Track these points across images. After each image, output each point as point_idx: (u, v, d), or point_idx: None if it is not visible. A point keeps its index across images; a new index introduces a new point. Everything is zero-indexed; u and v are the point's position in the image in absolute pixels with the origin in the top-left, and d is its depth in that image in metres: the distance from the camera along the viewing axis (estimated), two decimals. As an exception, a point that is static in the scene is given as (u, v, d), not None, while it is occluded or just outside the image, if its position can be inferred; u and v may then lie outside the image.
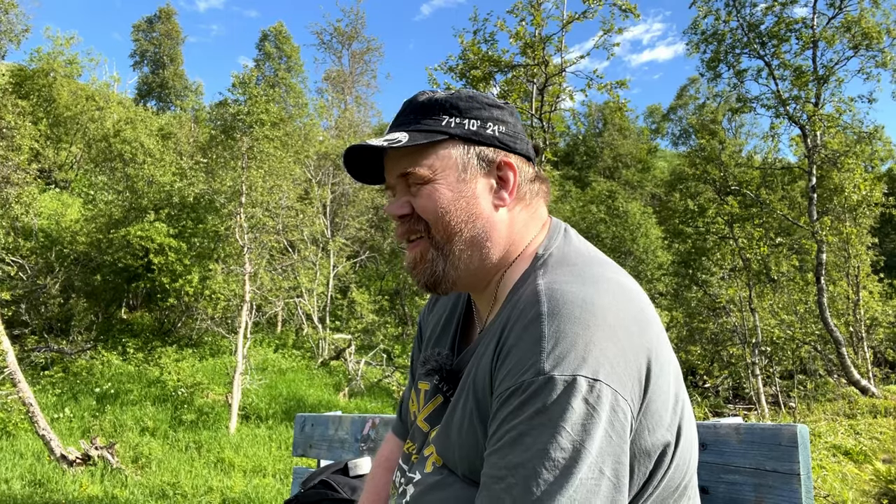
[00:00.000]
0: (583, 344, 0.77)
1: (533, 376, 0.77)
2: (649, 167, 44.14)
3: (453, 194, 0.95)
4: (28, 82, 23.52)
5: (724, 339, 18.62)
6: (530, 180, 1.00)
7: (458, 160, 0.96)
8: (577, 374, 0.75)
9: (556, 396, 0.75)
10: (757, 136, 41.08)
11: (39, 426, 9.27)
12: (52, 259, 17.01)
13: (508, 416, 0.78)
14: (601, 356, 0.77)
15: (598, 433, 0.75)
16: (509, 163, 0.97)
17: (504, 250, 0.98)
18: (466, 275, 0.98)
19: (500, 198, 0.97)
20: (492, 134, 0.97)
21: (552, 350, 0.77)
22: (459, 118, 0.97)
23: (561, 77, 10.99)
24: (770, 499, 1.16)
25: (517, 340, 0.81)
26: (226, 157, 16.01)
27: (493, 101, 1.00)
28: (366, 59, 45.33)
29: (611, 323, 0.80)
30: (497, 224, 0.97)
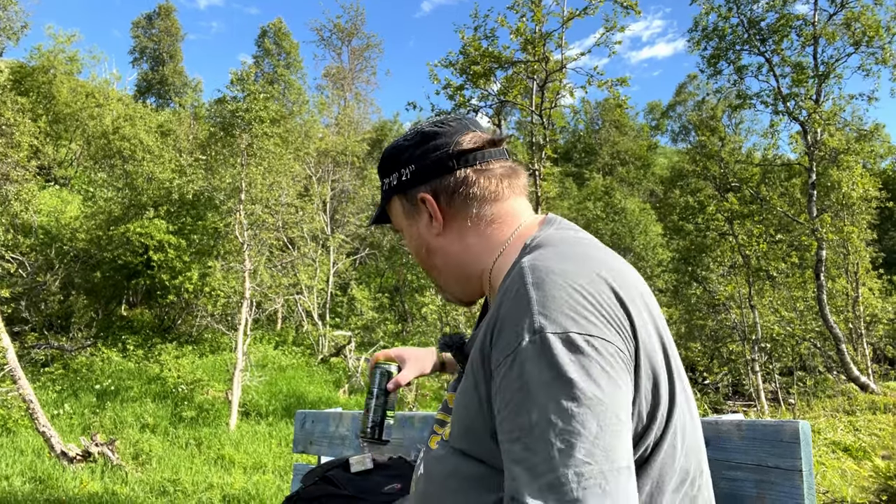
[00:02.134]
0: (557, 306, 0.81)
1: (515, 346, 0.81)
2: (649, 164, 44.10)
3: (410, 239, 1.14)
4: (28, 79, 23.48)
5: (723, 335, 18.64)
6: (455, 192, 1.06)
7: (401, 211, 1.13)
8: (537, 327, 0.79)
9: (532, 359, 0.78)
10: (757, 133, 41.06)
11: (40, 423, 9.27)
12: (51, 256, 17.00)
13: (503, 385, 0.82)
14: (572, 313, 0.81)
15: (592, 379, 0.77)
16: (423, 197, 1.07)
17: (473, 262, 1.07)
18: (459, 293, 1.14)
19: (435, 228, 1.08)
20: (406, 179, 1.09)
21: (533, 317, 0.81)
22: (388, 178, 1.14)
23: (561, 74, 10.98)
24: (772, 495, 1.16)
25: (504, 314, 0.86)
26: (225, 154, 16.00)
27: (403, 146, 1.11)
28: (365, 56, 45.28)
29: (584, 288, 0.84)
30: (449, 249, 1.08)
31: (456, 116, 1.15)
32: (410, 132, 1.13)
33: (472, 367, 0.93)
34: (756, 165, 16.90)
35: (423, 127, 1.12)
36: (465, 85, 11.39)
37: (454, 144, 1.07)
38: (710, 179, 18.60)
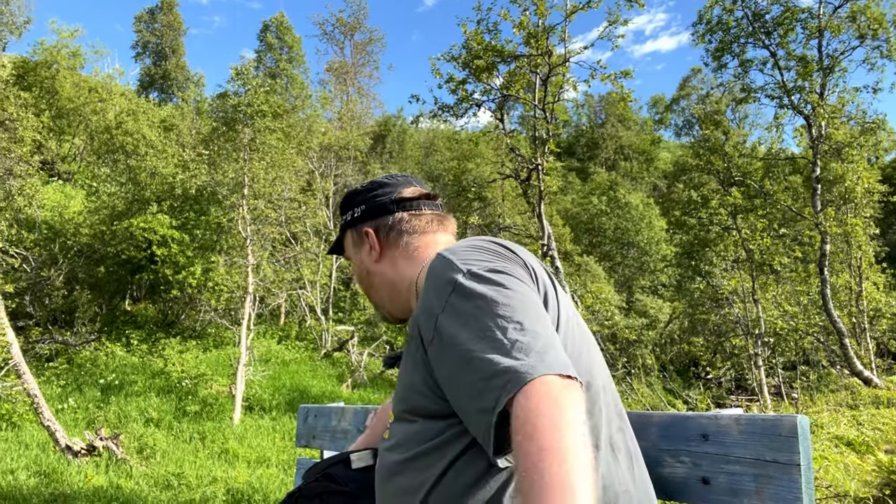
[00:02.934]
0: (471, 256, 1.06)
1: (448, 287, 1.01)
2: (653, 158, 43.98)
3: (356, 266, 1.41)
4: (31, 74, 23.50)
5: (726, 330, 18.62)
6: (396, 228, 1.34)
7: (351, 243, 1.43)
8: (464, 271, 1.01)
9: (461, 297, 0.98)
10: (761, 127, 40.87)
11: (44, 417, 9.32)
12: (55, 251, 17.04)
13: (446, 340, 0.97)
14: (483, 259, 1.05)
15: (505, 290, 0.97)
16: (366, 230, 1.36)
17: (401, 280, 1.31)
18: (391, 308, 1.37)
19: (373, 255, 1.36)
20: (356, 217, 1.39)
21: (452, 268, 1.03)
22: (345, 214, 1.43)
23: (564, 67, 10.94)
24: (770, 489, 1.16)
25: (427, 286, 1.07)
26: (227, 149, 16.00)
27: (357, 191, 1.42)
28: (368, 50, 45.16)
29: (489, 246, 1.10)
30: (382, 272, 1.35)
31: (404, 174, 1.45)
32: (367, 182, 1.43)
33: (408, 342, 1.12)
34: (760, 159, 16.85)
35: (378, 179, 1.42)
36: (467, 79, 11.36)
37: (397, 193, 1.37)
38: (713, 174, 18.54)
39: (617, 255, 27.70)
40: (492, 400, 0.86)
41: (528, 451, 0.77)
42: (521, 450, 0.78)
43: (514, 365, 0.85)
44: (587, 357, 1.12)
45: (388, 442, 1.16)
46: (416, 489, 1.03)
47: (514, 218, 22.50)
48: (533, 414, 0.80)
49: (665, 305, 23.36)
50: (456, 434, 1.01)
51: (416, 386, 1.06)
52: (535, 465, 0.75)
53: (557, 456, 0.75)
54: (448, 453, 1.01)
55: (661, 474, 1.33)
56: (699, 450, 1.28)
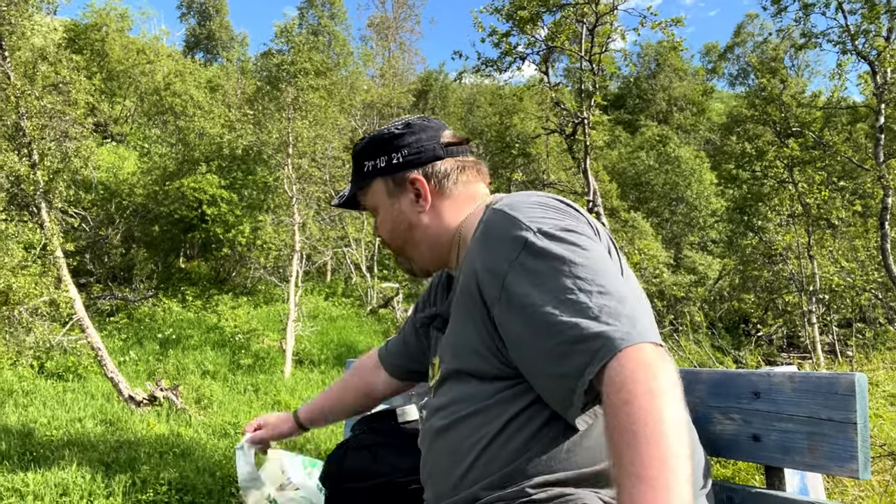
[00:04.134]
0: (540, 214, 1.02)
1: (515, 250, 0.97)
2: (704, 109, 42.38)
3: (390, 217, 1.27)
4: (81, 37, 23.97)
5: (779, 286, 18.12)
6: (446, 176, 1.24)
7: (383, 192, 1.27)
8: (534, 229, 0.97)
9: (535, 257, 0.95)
10: (821, 75, 38.86)
11: (108, 369, 9.81)
12: (112, 211, 17.65)
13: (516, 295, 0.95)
14: (554, 217, 1.01)
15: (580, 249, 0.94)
16: (417, 179, 1.23)
17: (446, 232, 1.23)
18: (427, 262, 1.28)
19: (421, 206, 1.23)
20: (397, 162, 1.24)
21: (522, 225, 0.99)
22: (373, 160, 1.27)
23: (612, 16, 10.54)
24: (824, 447, 1.13)
25: (492, 236, 1.04)
26: (271, 109, 16.11)
27: (394, 133, 1.26)
28: (410, 4, 44.43)
29: (554, 204, 1.06)
30: (427, 224, 1.23)
31: (436, 118, 1.33)
32: (400, 123, 1.28)
33: (462, 299, 1.09)
34: (820, 109, 16.05)
35: (412, 120, 1.28)
36: (510, 31, 11.07)
37: (441, 137, 1.26)
38: (769, 125, 17.76)
39: (665, 210, 27.07)
40: (580, 365, 0.85)
41: (626, 420, 0.77)
42: (619, 417, 0.78)
43: (605, 330, 0.84)
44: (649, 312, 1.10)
45: (437, 400, 1.15)
46: (469, 448, 1.04)
47: (559, 174, 22.14)
48: (630, 381, 0.79)
49: (714, 262, 22.83)
50: (515, 394, 1.01)
51: (473, 346, 1.05)
52: (634, 434, 0.75)
53: (659, 425, 0.75)
54: (504, 413, 1.01)
55: (710, 431, 1.31)
56: (750, 407, 1.26)
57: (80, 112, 10.83)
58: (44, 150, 10.47)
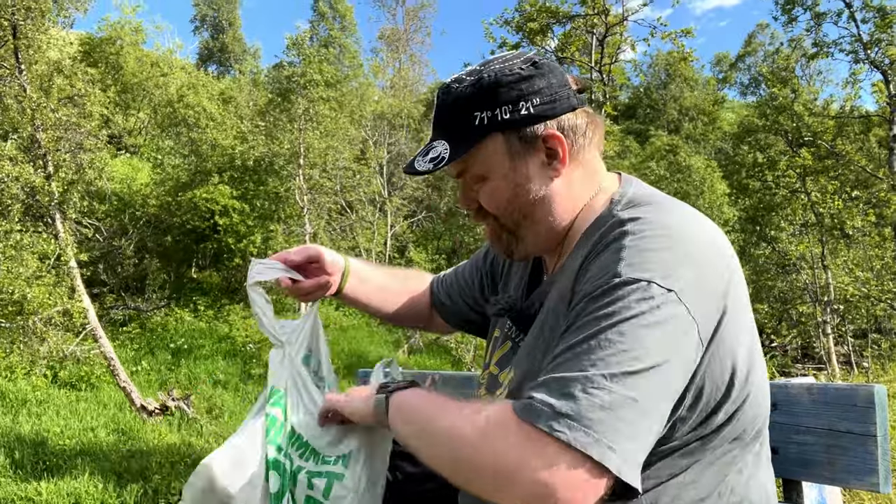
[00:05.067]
0: (666, 260, 0.80)
1: (609, 278, 0.80)
2: (715, 119, 42.25)
3: (508, 184, 0.98)
4: (97, 50, 24.30)
5: (793, 297, 17.95)
6: (582, 133, 0.98)
7: (503, 151, 0.97)
8: (653, 281, 0.78)
9: (628, 293, 0.78)
10: (833, 83, 38.64)
11: (120, 378, 9.87)
12: (125, 221, 17.81)
13: (580, 310, 0.81)
14: (680, 275, 0.79)
15: (662, 338, 0.76)
16: (553, 135, 0.95)
17: (569, 211, 1.00)
18: (537, 246, 1.04)
19: (555, 169, 0.97)
20: (527, 113, 0.95)
21: (633, 260, 0.80)
22: (491, 110, 0.95)
23: (622, 26, 10.56)
24: (843, 460, 1.12)
25: (599, 256, 0.85)
26: (283, 120, 16.24)
27: (520, 74, 0.95)
28: (420, 16, 44.71)
29: (692, 250, 0.83)
30: (556, 195, 0.98)
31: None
32: (520, 60, 0.98)
33: (556, 317, 0.93)
34: (832, 118, 15.96)
35: (536, 58, 0.98)
36: (521, 43, 11.11)
37: (569, 81, 0.99)
38: (781, 134, 17.68)
39: (677, 220, 26.93)
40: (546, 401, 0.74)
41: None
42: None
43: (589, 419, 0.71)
44: (766, 388, 0.95)
45: None
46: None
47: (570, 184, 22.09)
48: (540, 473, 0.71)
49: (727, 272, 22.65)
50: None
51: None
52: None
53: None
54: None
55: (725, 443, 1.29)
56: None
57: (95, 124, 10.98)
58: (59, 161, 10.60)
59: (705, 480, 0.88)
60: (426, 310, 1.44)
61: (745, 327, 0.88)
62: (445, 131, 0.99)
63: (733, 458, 0.90)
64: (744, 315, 0.88)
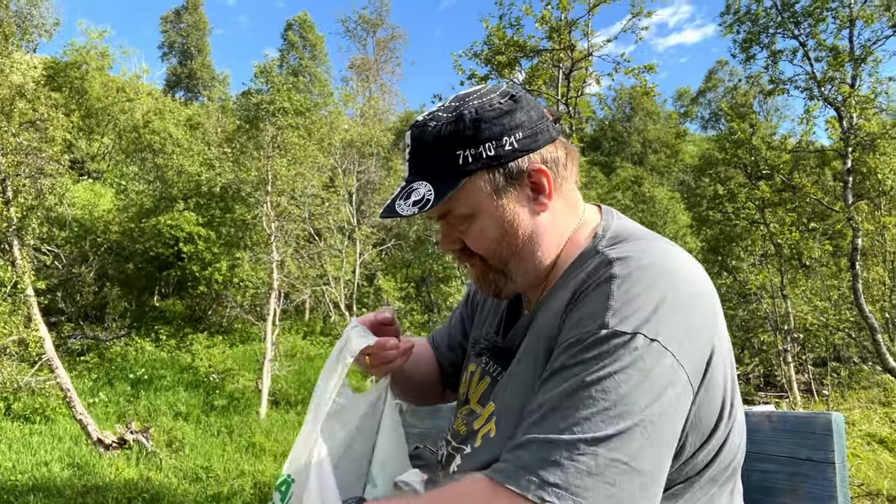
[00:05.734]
0: (651, 306, 0.78)
1: (595, 329, 0.78)
2: (677, 152, 43.43)
3: (496, 223, 0.95)
4: (61, 75, 23.96)
5: (755, 325, 18.33)
6: (563, 165, 0.97)
7: (489, 189, 0.94)
8: (638, 332, 0.76)
9: (613, 347, 0.76)
10: (789, 119, 40.12)
11: (76, 411, 9.54)
12: (86, 248, 17.41)
13: (565, 361, 0.80)
14: (666, 322, 0.78)
15: (647, 391, 0.75)
16: (539, 168, 0.94)
17: (555, 246, 0.98)
18: (526, 283, 1.01)
19: (541, 203, 0.95)
20: (510, 148, 0.92)
21: (620, 308, 0.78)
22: (474, 148, 0.92)
23: (587, 61, 10.84)
24: (804, 487, 1.14)
25: (586, 298, 0.83)
26: (249, 148, 16.17)
27: (501, 109, 0.93)
28: (391, 47, 45.28)
29: (680, 295, 0.81)
30: (543, 230, 0.97)
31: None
32: (497, 96, 0.95)
33: (539, 355, 0.90)
34: (789, 152, 16.52)
35: (513, 91, 0.97)
36: (489, 75, 11.31)
37: (545, 112, 0.97)
38: (740, 167, 18.24)
39: (641, 250, 27.42)
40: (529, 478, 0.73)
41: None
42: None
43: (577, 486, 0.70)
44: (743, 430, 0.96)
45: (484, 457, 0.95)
46: None
47: (538, 213, 22.35)
48: None
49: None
50: None
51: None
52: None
53: None
54: None
55: (691, 471, 1.31)
56: (730, 447, 1.26)
57: (57, 149, 10.79)
58: (18, 186, 10.36)
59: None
60: (437, 369, 1.34)
61: (729, 361, 0.88)
62: (426, 172, 0.95)
63: (710, 499, 0.89)
64: (726, 347, 0.88)
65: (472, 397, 1.09)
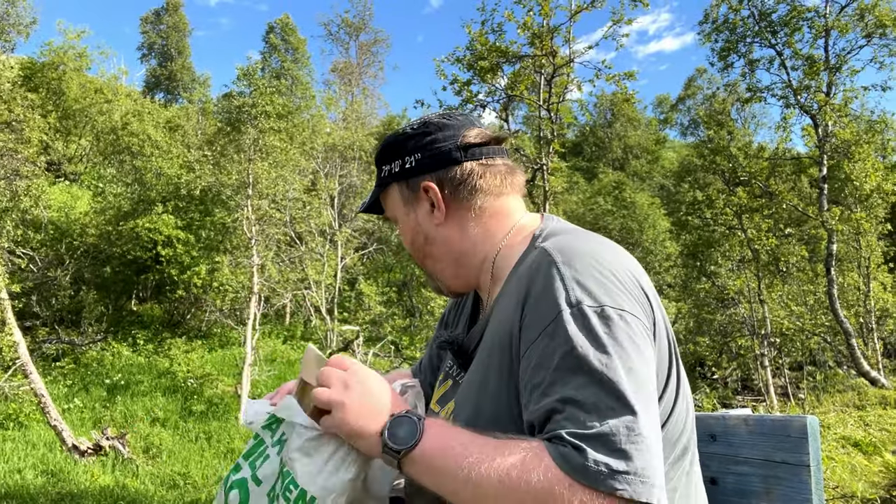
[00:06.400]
0: (598, 281, 0.88)
1: (553, 317, 0.85)
2: (658, 157, 43.89)
3: (407, 227, 1.14)
4: (38, 76, 23.58)
5: (732, 330, 18.55)
6: (461, 183, 1.08)
7: (399, 199, 1.14)
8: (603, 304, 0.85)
9: (573, 328, 0.83)
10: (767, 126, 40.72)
11: (51, 417, 9.36)
12: (62, 251, 17.12)
13: (544, 353, 0.85)
14: (616, 291, 0.87)
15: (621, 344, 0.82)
16: (427, 186, 1.08)
17: (472, 251, 1.10)
18: (452, 282, 1.15)
19: (436, 217, 1.10)
20: (410, 167, 1.10)
21: (574, 288, 0.87)
22: (388, 164, 1.14)
23: (569, 68, 10.91)
24: (779, 490, 1.15)
25: (538, 293, 0.90)
26: (229, 151, 16.04)
27: (408, 134, 1.12)
28: (373, 51, 45.26)
29: (610, 268, 0.91)
30: (448, 237, 1.10)
31: (462, 112, 1.19)
32: (416, 122, 1.14)
33: (494, 350, 0.96)
34: (766, 160, 16.77)
35: (430, 118, 1.13)
36: (472, 80, 11.34)
37: (461, 137, 1.10)
38: (718, 174, 18.49)
39: (622, 255, 27.64)
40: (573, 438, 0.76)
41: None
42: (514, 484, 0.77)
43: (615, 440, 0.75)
44: (692, 407, 1.01)
45: None
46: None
47: (519, 218, 22.42)
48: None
49: (670, 305, 23.30)
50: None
51: (494, 410, 0.94)
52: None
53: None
54: None
55: (668, 475, 1.32)
56: (707, 450, 1.27)
57: (33, 150, 10.62)
58: (-8, 188, 10.18)
59: None
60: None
61: (670, 328, 0.97)
62: (377, 179, 1.19)
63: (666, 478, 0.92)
64: (663, 313, 0.97)
65: (433, 398, 1.18)
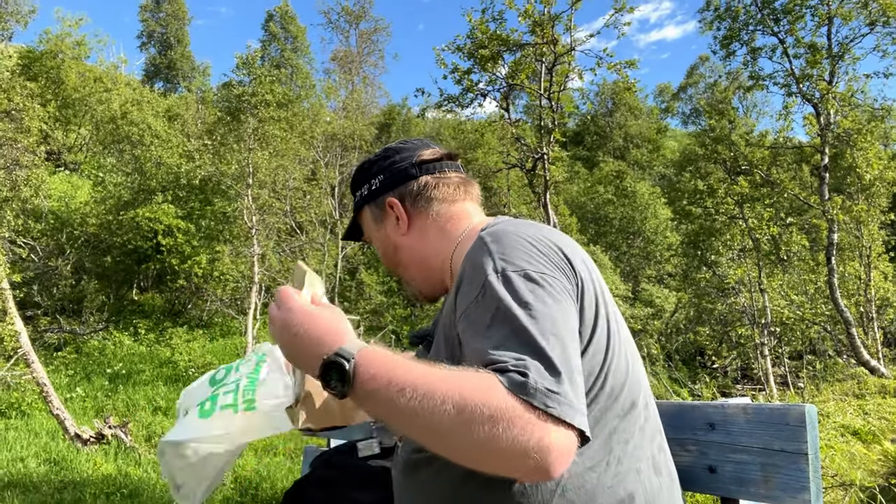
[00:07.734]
0: (513, 253, 0.96)
1: (482, 284, 0.94)
2: (659, 147, 43.72)
3: (379, 243, 1.30)
4: (36, 64, 23.47)
5: (732, 319, 18.57)
6: (418, 194, 1.23)
7: (371, 219, 1.30)
8: (525, 270, 0.93)
9: (500, 288, 0.91)
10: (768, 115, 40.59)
11: (53, 406, 9.40)
12: (62, 241, 17.12)
13: (473, 317, 0.93)
14: (526, 258, 0.96)
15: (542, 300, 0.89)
16: (390, 202, 1.24)
17: (434, 255, 1.22)
18: (422, 286, 1.28)
19: (401, 228, 1.24)
20: (375, 188, 1.27)
21: (495, 262, 0.95)
22: (360, 189, 1.31)
23: (570, 56, 10.85)
24: (777, 478, 1.16)
25: (468, 267, 1.01)
26: (229, 140, 15.99)
27: (371, 160, 1.30)
28: (373, 39, 44.98)
29: (531, 241, 1.00)
30: (412, 244, 1.24)
31: (418, 138, 1.35)
32: (379, 150, 1.31)
33: (441, 333, 1.07)
34: (767, 148, 16.71)
35: (390, 145, 1.31)
36: (472, 69, 11.30)
37: (417, 156, 1.26)
38: (719, 163, 18.43)
39: (623, 244, 27.64)
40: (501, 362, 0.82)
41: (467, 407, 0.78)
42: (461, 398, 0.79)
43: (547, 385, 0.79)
44: (637, 368, 1.07)
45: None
46: (444, 486, 1.01)
47: (520, 208, 22.44)
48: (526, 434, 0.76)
49: (671, 295, 23.32)
50: None
51: None
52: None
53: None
54: None
55: (667, 463, 1.32)
56: (706, 438, 1.28)
57: (33, 140, 10.59)
58: (-8, 177, 10.16)
59: (593, 452, 0.96)
60: None
61: (601, 285, 1.05)
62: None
63: (614, 429, 0.99)
64: (596, 273, 1.06)
65: None
